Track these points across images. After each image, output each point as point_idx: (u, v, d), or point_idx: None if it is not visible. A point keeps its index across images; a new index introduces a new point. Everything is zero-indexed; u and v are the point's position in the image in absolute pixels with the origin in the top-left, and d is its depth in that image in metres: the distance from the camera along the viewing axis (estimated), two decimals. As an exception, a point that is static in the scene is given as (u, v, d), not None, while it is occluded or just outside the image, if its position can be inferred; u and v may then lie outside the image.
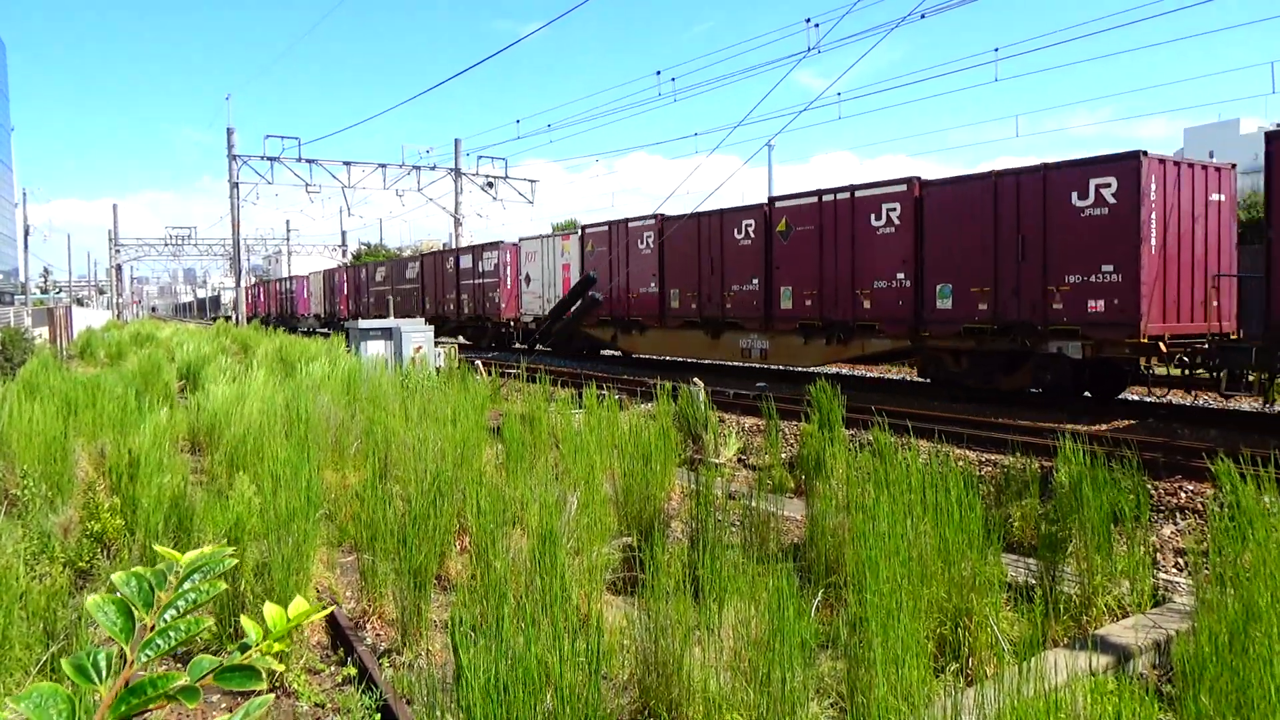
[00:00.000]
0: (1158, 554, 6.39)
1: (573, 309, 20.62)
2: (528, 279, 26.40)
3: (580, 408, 9.71)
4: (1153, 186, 11.69)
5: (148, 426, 7.32)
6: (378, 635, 5.07)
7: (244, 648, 0.94)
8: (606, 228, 22.25)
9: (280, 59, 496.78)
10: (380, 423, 8.22)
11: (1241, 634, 3.40)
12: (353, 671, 4.41)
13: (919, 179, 14.69)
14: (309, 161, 34.80)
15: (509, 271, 27.79)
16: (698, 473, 6.14)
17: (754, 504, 5.88)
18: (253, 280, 77.49)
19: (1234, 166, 12.29)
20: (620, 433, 7.94)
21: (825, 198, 16.01)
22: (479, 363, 16.15)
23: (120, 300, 78.02)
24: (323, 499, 6.10)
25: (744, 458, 10.13)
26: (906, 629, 3.64)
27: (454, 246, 36.55)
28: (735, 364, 20.12)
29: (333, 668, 4.59)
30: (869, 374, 18.72)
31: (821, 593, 4.82)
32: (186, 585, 0.92)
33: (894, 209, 14.89)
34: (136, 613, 0.90)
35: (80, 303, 77.68)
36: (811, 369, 17.19)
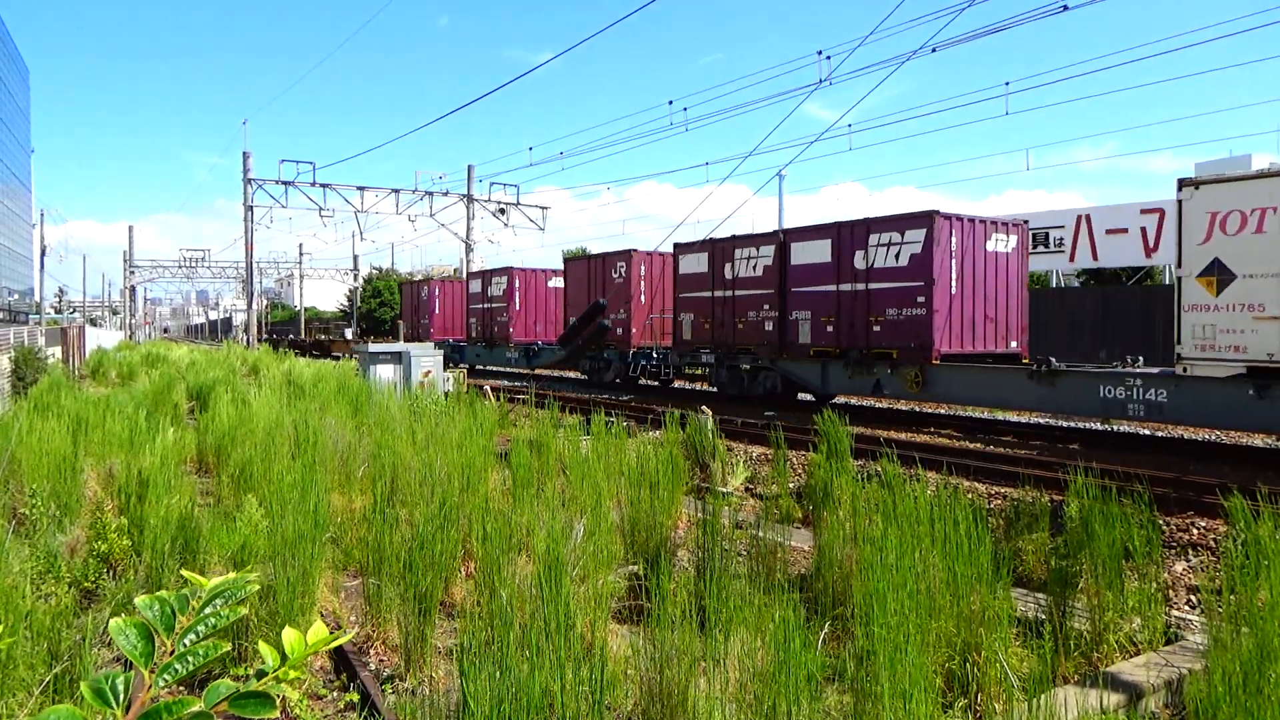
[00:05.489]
0: (1170, 590, 6.32)
1: (584, 333, 22.53)
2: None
3: (588, 434, 9.70)
4: (642, 269, 22.50)
5: (156, 447, 7.35)
6: (381, 661, 5.04)
7: (260, 674, 0.94)
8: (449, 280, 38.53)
9: (296, 85, 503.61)
10: (387, 446, 8.22)
11: (1256, 673, 3.35)
12: (355, 697, 4.39)
13: (567, 260, 26.12)
14: (323, 186, 35.16)
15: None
16: (705, 501, 6.12)
17: (761, 533, 5.85)
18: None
19: (675, 250, 20.95)
20: (628, 460, 7.92)
21: (519, 273, 29.15)
22: (487, 387, 16.18)
23: (133, 321, 78.65)
24: (329, 522, 6.09)
25: (751, 487, 10.09)
26: (914, 663, 3.60)
27: (464, 271, 36.77)
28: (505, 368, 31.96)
29: (335, 693, 4.56)
30: (552, 374, 28.60)
31: (828, 624, 4.78)
32: (208, 610, 0.92)
33: (558, 280, 27.32)
34: (157, 637, 0.90)
35: (94, 323, 78.27)
36: (540, 371, 28.77)
